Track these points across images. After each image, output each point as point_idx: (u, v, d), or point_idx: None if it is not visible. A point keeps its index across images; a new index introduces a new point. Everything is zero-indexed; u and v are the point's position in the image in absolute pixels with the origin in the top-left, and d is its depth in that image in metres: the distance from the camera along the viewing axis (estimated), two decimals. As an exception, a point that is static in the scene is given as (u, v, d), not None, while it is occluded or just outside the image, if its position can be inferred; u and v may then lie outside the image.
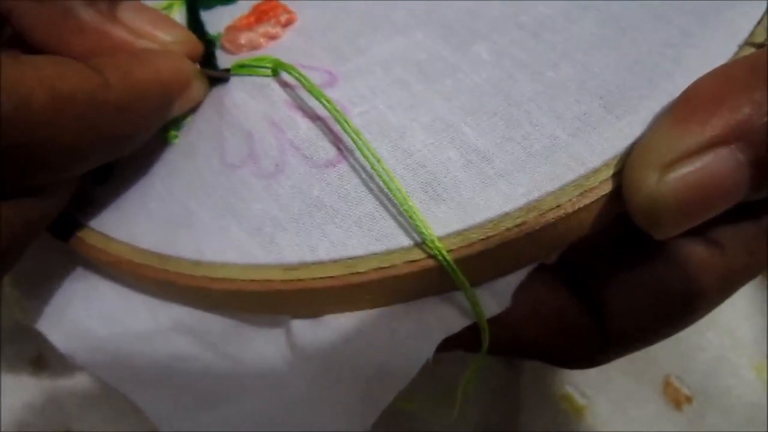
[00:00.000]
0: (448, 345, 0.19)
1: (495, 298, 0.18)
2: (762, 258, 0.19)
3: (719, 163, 0.15)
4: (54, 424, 0.30)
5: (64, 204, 0.19)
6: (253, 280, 0.19)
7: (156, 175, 0.21)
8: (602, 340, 0.19)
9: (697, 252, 0.19)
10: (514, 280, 0.19)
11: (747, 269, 0.19)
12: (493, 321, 0.19)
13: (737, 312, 0.23)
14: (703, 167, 0.15)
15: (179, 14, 0.26)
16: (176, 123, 0.22)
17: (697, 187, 0.15)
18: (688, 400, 0.27)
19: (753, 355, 0.27)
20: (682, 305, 0.19)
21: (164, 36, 0.21)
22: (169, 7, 0.26)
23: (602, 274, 0.19)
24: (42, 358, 0.31)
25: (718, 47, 0.18)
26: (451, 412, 0.29)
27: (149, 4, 0.26)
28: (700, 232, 0.17)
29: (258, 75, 0.21)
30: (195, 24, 0.25)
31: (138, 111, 0.18)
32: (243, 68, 0.21)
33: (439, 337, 0.18)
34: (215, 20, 0.25)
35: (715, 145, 0.15)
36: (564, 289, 0.19)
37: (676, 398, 0.27)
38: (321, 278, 0.18)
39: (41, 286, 0.23)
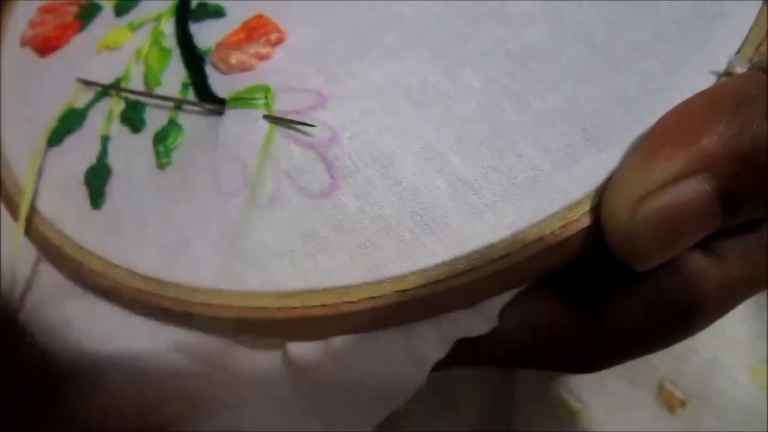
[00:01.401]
0: (442, 364, 0.19)
1: (483, 317, 0.19)
2: (763, 269, 0.19)
3: (687, 195, 0.16)
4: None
5: None
6: (248, 308, 0.19)
7: (152, 202, 0.21)
8: (601, 347, 0.19)
9: (696, 261, 0.19)
10: (501, 299, 0.19)
11: (748, 280, 0.19)
12: (486, 335, 0.19)
13: (730, 313, 0.23)
14: (672, 199, 0.16)
15: (169, 26, 0.25)
16: (167, 149, 0.22)
17: (668, 218, 0.16)
18: (682, 404, 0.27)
19: (747, 357, 0.27)
20: (682, 315, 0.19)
21: None
22: (158, 19, 0.26)
23: (601, 282, 0.19)
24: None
25: (698, 80, 0.19)
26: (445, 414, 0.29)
27: (141, 15, 0.26)
28: (700, 243, 0.18)
29: (252, 108, 0.21)
30: (185, 38, 0.25)
31: None
32: (238, 101, 0.21)
33: (431, 361, 0.19)
34: (205, 34, 0.25)
35: (681, 177, 0.16)
36: (556, 297, 0.20)
37: (670, 402, 0.27)
38: (314, 306, 0.18)
39: (41, 307, 0.23)
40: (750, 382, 0.27)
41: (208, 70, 0.23)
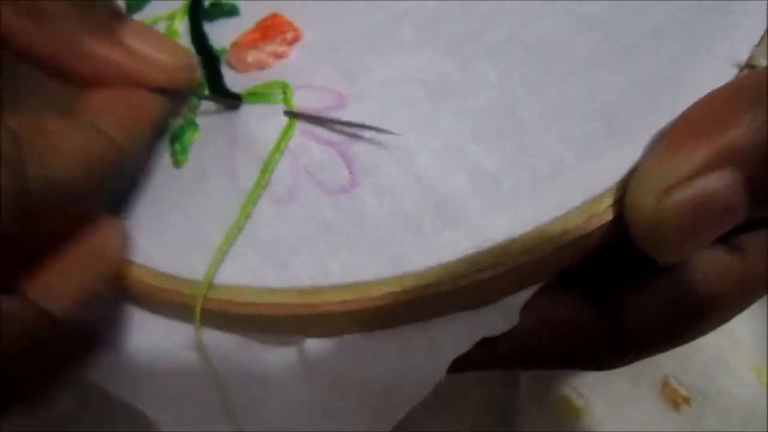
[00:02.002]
0: (460, 366, 0.19)
1: (503, 315, 0.19)
2: None
3: (714, 186, 0.16)
4: (50, 424, 0.30)
5: None
6: (267, 304, 0.19)
7: (169, 199, 0.21)
8: (619, 343, 0.20)
9: (717, 256, 0.19)
10: (522, 296, 0.19)
11: (766, 275, 0.19)
12: (503, 335, 0.19)
13: (735, 313, 0.24)
14: (699, 191, 0.16)
15: (182, 25, 0.25)
16: (183, 147, 0.22)
17: (694, 210, 0.16)
18: (686, 401, 0.27)
19: (752, 356, 0.27)
20: (701, 309, 0.19)
21: (166, 59, 0.21)
22: (172, 18, 0.26)
23: (620, 277, 0.19)
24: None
25: (719, 70, 0.19)
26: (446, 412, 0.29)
27: (153, 14, 0.26)
28: (721, 237, 0.17)
29: (269, 102, 0.21)
30: (198, 36, 0.25)
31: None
32: (254, 96, 0.21)
33: (449, 357, 0.19)
34: (218, 33, 0.25)
35: (708, 168, 0.16)
36: (574, 294, 0.20)
37: (674, 399, 0.27)
38: (335, 302, 0.18)
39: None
40: (753, 381, 0.27)
41: (223, 69, 0.23)
